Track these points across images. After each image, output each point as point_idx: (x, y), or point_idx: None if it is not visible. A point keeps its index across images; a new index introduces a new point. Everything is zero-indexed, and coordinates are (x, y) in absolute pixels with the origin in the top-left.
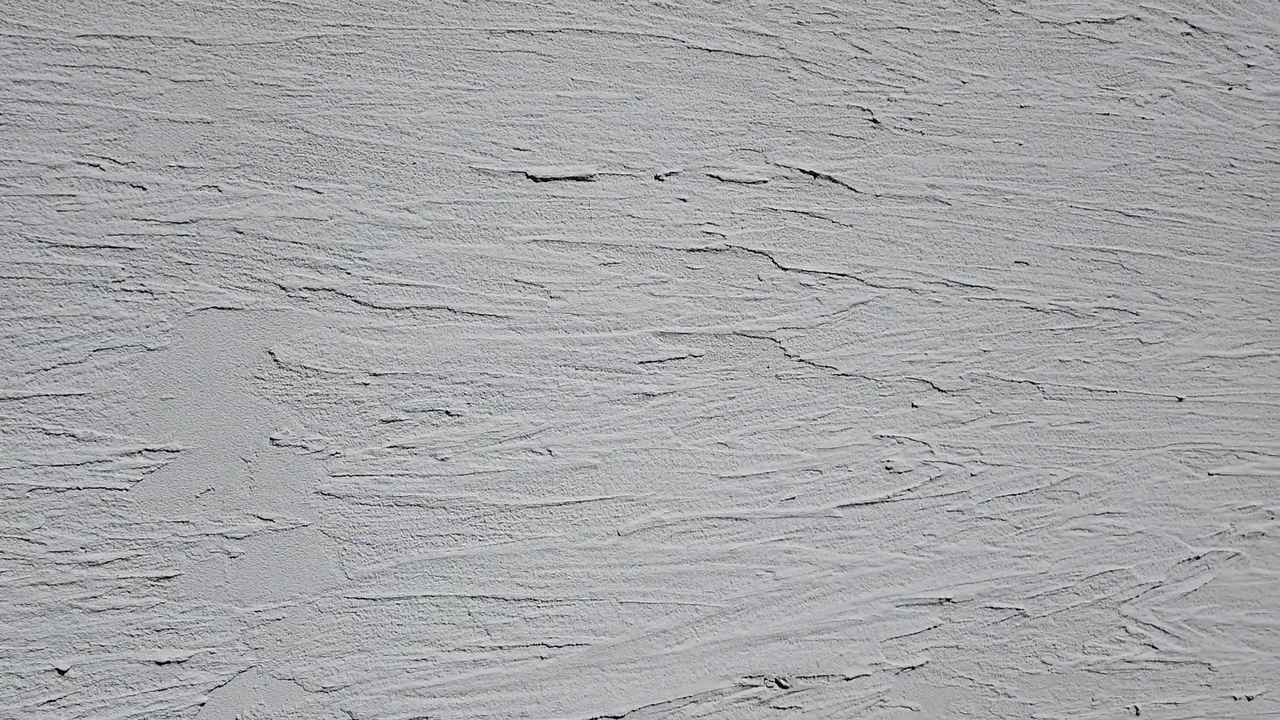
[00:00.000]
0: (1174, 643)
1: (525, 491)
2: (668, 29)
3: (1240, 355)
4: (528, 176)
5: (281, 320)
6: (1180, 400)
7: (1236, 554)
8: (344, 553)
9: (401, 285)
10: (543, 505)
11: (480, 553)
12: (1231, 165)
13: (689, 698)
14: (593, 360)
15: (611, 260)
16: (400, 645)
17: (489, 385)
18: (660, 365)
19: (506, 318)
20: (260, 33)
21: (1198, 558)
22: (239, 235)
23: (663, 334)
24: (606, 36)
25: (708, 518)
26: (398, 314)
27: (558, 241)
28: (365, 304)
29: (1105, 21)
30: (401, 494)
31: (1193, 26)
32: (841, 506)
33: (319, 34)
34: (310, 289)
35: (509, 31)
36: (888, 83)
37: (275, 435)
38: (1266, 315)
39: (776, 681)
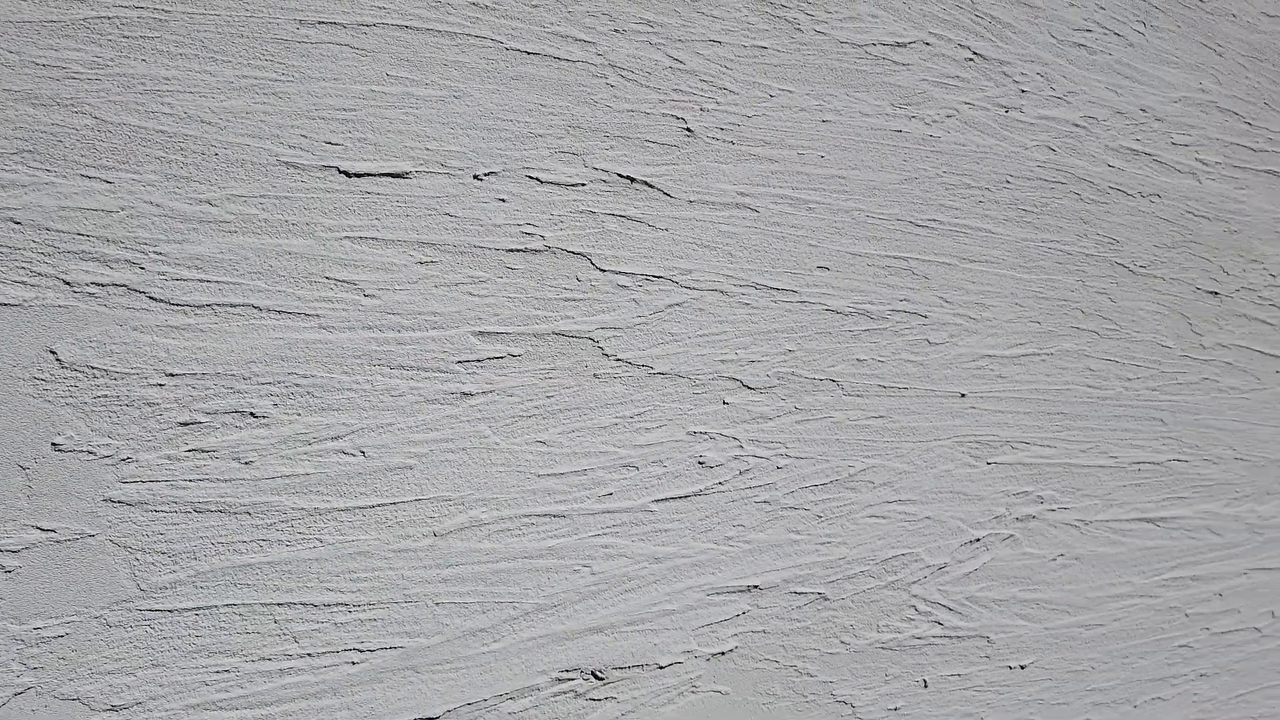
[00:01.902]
0: (957, 619)
1: (336, 494)
2: (486, 29)
3: (1015, 355)
4: (340, 171)
5: (65, 317)
6: (963, 396)
7: (1011, 535)
8: (136, 563)
9: (202, 282)
10: (355, 508)
11: (288, 558)
12: (1007, 181)
13: (505, 695)
14: (409, 360)
15: (429, 259)
16: (199, 657)
17: (297, 385)
18: (479, 365)
19: (316, 316)
20: (42, 10)
21: (978, 540)
22: (16, 226)
23: (481, 333)
24: (423, 33)
25: (526, 516)
26: (197, 311)
27: (372, 239)
28: (161, 300)
29: (898, 45)
30: (201, 500)
31: (975, 53)
32: (656, 501)
33: (109, 14)
34: (99, 284)
35: (320, 23)
36: (700, 93)
37: (57, 440)
38: (1037, 318)
39: (592, 674)
